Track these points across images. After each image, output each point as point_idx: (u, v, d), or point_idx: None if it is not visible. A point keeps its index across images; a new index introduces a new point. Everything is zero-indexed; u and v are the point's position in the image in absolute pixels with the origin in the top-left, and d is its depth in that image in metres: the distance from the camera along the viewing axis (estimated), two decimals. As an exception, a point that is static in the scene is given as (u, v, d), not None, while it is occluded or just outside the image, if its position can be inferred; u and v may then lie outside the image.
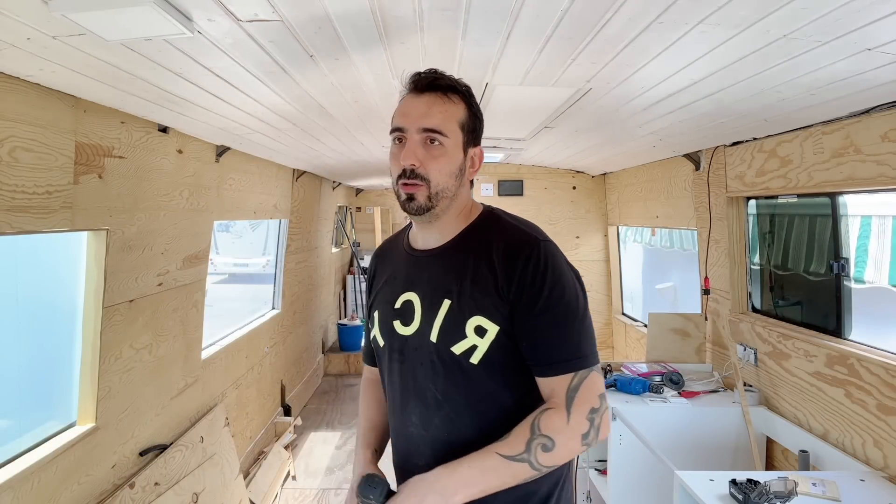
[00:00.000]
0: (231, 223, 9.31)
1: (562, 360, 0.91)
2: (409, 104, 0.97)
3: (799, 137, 2.07)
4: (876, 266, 3.28)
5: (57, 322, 1.91)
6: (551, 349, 0.91)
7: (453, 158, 0.96)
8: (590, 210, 4.66)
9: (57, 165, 1.54)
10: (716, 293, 2.82)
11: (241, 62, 1.38)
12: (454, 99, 0.97)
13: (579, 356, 0.91)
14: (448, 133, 0.95)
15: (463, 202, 1.02)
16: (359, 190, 6.80)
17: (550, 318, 0.91)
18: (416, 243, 1.07)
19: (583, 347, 0.92)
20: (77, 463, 1.70)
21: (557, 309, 0.91)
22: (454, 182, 0.97)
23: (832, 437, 1.97)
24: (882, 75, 1.36)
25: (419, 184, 0.94)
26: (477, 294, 0.94)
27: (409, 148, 0.94)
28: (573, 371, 0.91)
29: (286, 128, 2.29)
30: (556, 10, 1.10)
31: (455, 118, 0.96)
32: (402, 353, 1.01)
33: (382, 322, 1.05)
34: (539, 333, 0.91)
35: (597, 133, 2.66)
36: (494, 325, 0.92)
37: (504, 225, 1.01)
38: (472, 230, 1.02)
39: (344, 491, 3.20)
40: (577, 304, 0.94)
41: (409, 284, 1.03)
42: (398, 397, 1.03)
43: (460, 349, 0.93)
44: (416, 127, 0.94)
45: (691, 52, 1.30)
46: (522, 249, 0.94)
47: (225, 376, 2.96)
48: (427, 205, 0.95)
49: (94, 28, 1.04)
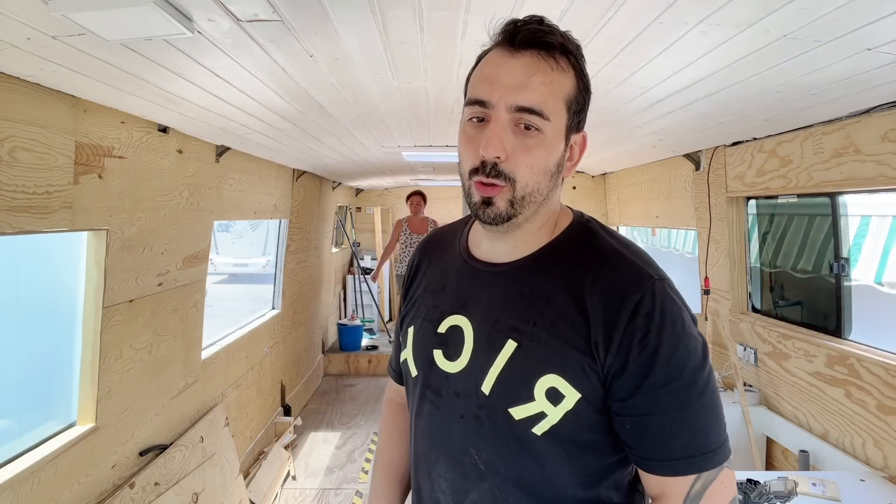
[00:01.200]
0: (231, 223, 9.32)
1: (682, 455, 0.66)
2: (500, 66, 0.69)
3: (799, 137, 2.07)
4: (865, 264, 3.29)
5: (57, 322, 1.91)
6: (667, 439, 0.66)
7: (552, 151, 0.70)
8: (590, 210, 4.64)
9: (57, 165, 1.54)
10: (716, 293, 2.82)
11: (241, 62, 1.38)
12: (563, 64, 0.69)
13: (707, 452, 0.66)
14: (551, 115, 0.68)
15: (552, 208, 0.76)
16: (359, 190, 6.80)
17: (669, 396, 0.65)
18: (477, 249, 0.81)
19: (711, 437, 0.67)
20: (77, 463, 1.70)
21: (679, 382, 0.65)
22: (548, 182, 0.71)
23: (832, 437, 1.97)
24: (882, 75, 1.36)
25: (502, 185, 0.68)
26: (556, 343, 0.68)
27: (493, 132, 0.67)
28: (697, 472, 0.66)
29: (286, 128, 2.29)
30: (556, 9, 1.10)
31: (562, 93, 0.69)
32: (440, 395, 0.77)
33: (419, 347, 0.81)
34: (651, 416, 0.66)
35: (596, 133, 2.66)
36: (575, 391, 0.67)
37: (604, 247, 0.73)
38: (559, 247, 0.75)
39: (344, 491, 3.20)
40: (703, 373, 0.67)
41: (461, 305, 0.78)
42: (425, 450, 0.79)
43: (522, 414, 0.68)
44: (508, 103, 0.67)
45: (691, 52, 1.30)
46: (631, 291, 0.67)
47: (225, 376, 2.96)
48: (508, 212, 0.70)
49: (94, 28, 1.04)
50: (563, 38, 0.69)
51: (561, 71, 0.69)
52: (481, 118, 0.69)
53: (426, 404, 0.79)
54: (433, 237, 0.95)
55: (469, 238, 0.84)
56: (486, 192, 0.69)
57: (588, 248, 0.74)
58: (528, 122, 0.67)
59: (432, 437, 0.78)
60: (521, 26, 0.68)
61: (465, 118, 0.72)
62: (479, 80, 0.70)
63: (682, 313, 0.68)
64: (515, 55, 0.68)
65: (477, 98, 0.69)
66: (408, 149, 3.08)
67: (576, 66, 0.72)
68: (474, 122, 0.70)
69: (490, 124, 0.68)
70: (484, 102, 0.68)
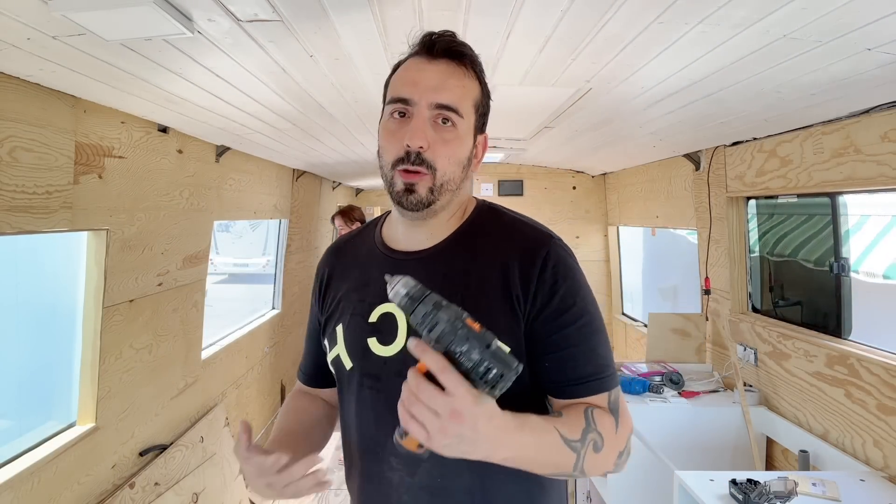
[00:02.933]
0: (231, 223, 9.31)
1: (596, 377, 0.78)
2: (420, 71, 0.79)
3: (799, 137, 2.07)
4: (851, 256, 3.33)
5: (57, 322, 1.91)
6: (582, 365, 0.78)
7: (465, 145, 0.81)
8: (590, 210, 4.66)
9: (57, 165, 1.54)
10: (716, 293, 2.82)
11: (241, 62, 1.38)
12: (471, 73, 0.82)
13: (611, 373, 0.79)
14: (464, 113, 0.79)
15: (464, 198, 0.88)
16: (359, 190, 6.80)
17: (576, 330, 0.78)
18: (395, 243, 0.89)
19: (609, 362, 0.80)
20: (77, 463, 1.70)
21: (584, 318, 0.79)
22: (461, 173, 0.82)
23: (832, 437, 1.97)
24: (882, 75, 1.36)
25: (423, 172, 0.77)
26: (484, 306, 0.77)
27: (416, 125, 0.77)
28: (608, 389, 0.78)
29: (286, 128, 2.29)
30: (556, 9, 1.10)
31: (471, 95, 0.81)
32: (379, 380, 0.82)
33: (351, 339, 0.86)
34: (565, 350, 0.78)
35: (597, 133, 2.66)
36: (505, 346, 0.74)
37: (510, 221, 0.87)
38: (471, 228, 0.86)
39: (344, 491, 3.20)
40: (597, 310, 0.82)
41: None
42: (372, 433, 0.83)
43: None
44: (429, 101, 0.77)
45: (691, 52, 1.30)
46: (538, 251, 0.80)
47: (225, 376, 2.96)
48: (428, 199, 0.79)
49: (94, 28, 1.04)
50: (471, 52, 0.82)
51: (470, 78, 0.81)
52: (403, 114, 0.79)
53: (365, 391, 0.83)
54: (341, 245, 1.02)
55: (384, 234, 0.92)
56: (410, 178, 0.77)
57: (496, 223, 0.86)
58: (445, 117, 0.78)
59: (378, 419, 0.82)
60: (437, 38, 0.79)
61: (387, 115, 0.81)
62: (402, 82, 0.80)
63: (576, 264, 0.82)
64: (433, 62, 0.79)
65: (400, 97, 0.79)
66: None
67: (480, 76, 0.84)
68: (396, 117, 0.80)
69: (413, 119, 0.77)
70: (407, 100, 0.78)
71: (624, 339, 4.37)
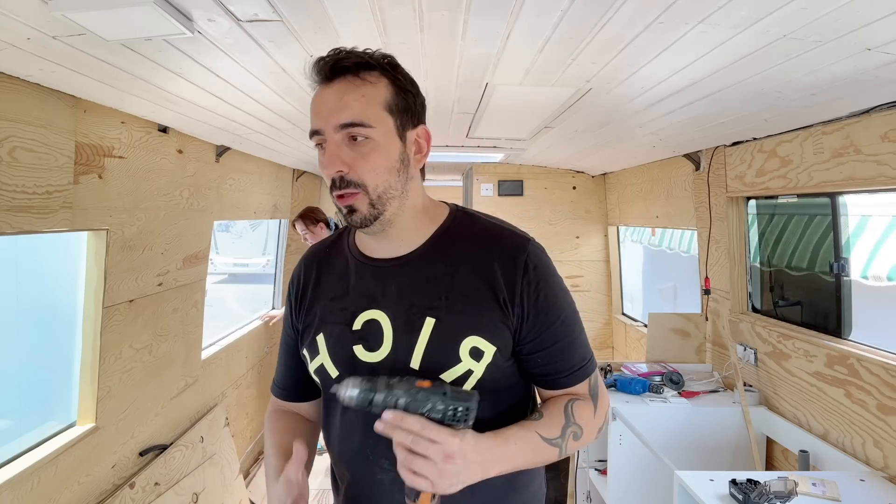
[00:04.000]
0: (231, 223, 9.31)
1: (579, 366, 0.87)
2: (320, 99, 0.80)
3: (799, 137, 2.07)
4: (857, 261, 3.31)
5: (57, 322, 1.91)
6: (568, 357, 0.86)
7: (388, 151, 0.80)
8: (590, 210, 4.66)
9: (57, 165, 1.54)
10: (716, 293, 2.82)
11: (241, 62, 1.38)
12: (370, 78, 0.80)
13: (590, 357, 0.89)
14: (372, 122, 0.78)
15: (417, 199, 0.88)
16: (359, 190, 6.80)
17: (561, 324, 0.85)
18: (370, 251, 0.90)
19: (588, 349, 0.89)
20: (77, 463, 1.70)
21: (564, 311, 0.86)
22: (397, 178, 0.82)
23: (832, 437, 1.97)
24: (882, 75, 1.36)
25: (355, 192, 0.79)
26: (470, 309, 0.81)
27: (330, 151, 0.78)
28: (589, 375, 0.89)
29: (286, 128, 2.29)
30: (556, 10, 1.10)
31: (377, 100, 0.79)
32: None
33: (335, 348, 0.87)
34: (556, 345, 0.85)
35: (597, 133, 2.66)
36: (491, 345, 0.81)
37: (486, 225, 0.90)
38: (447, 233, 0.88)
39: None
40: (571, 298, 0.90)
41: (370, 301, 0.86)
42: (360, 438, 0.85)
43: (452, 376, 0.80)
44: (333, 124, 0.78)
45: (691, 52, 1.30)
46: (519, 255, 0.84)
47: (225, 376, 2.96)
48: (372, 213, 0.80)
49: (94, 28, 1.04)
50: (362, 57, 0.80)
51: (370, 84, 0.79)
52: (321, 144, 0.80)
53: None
54: (315, 253, 1.02)
55: (357, 243, 0.93)
56: (346, 202, 0.80)
57: (473, 228, 0.89)
58: (353, 134, 0.78)
59: (366, 424, 0.81)
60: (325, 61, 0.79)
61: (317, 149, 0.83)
62: (312, 115, 0.81)
63: (549, 260, 0.88)
64: (329, 85, 0.80)
65: (312, 129, 0.80)
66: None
67: (387, 74, 0.82)
68: (320, 149, 0.81)
69: (327, 146, 0.79)
70: (318, 131, 0.79)
71: (624, 339, 4.37)
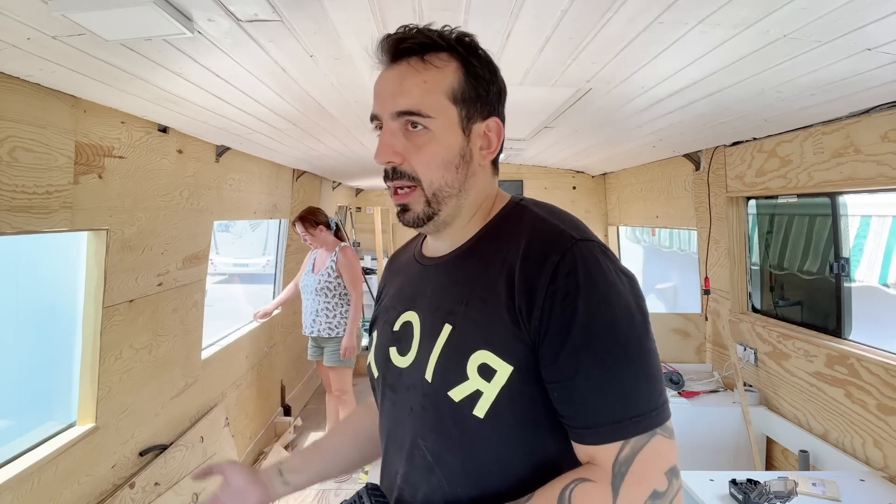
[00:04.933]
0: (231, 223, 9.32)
1: (607, 421, 0.61)
2: (381, 82, 0.74)
3: (799, 137, 2.07)
4: (868, 265, 3.29)
5: (57, 322, 1.91)
6: (591, 404, 0.62)
7: (446, 144, 0.71)
8: (590, 210, 4.66)
9: (57, 165, 1.54)
10: (716, 293, 2.82)
11: (241, 62, 1.38)
12: (437, 62, 0.71)
13: (635, 416, 0.61)
14: (431, 112, 0.70)
15: (479, 197, 0.76)
16: (359, 190, 6.80)
17: (591, 357, 0.62)
18: (427, 249, 0.84)
19: (640, 400, 0.62)
20: (77, 463, 1.70)
21: (602, 343, 0.62)
22: (455, 175, 0.72)
23: (832, 437, 1.97)
24: (882, 75, 1.36)
25: (410, 185, 0.72)
26: (484, 319, 0.68)
27: (383, 140, 0.71)
28: (624, 438, 0.61)
29: (286, 128, 2.29)
30: (556, 10, 1.10)
31: (440, 88, 0.71)
32: (395, 391, 0.77)
33: (379, 347, 0.83)
34: (573, 380, 0.62)
35: (597, 133, 2.66)
36: (506, 364, 0.65)
37: (535, 218, 0.73)
38: (490, 230, 0.76)
39: (344, 491, 3.20)
40: (631, 332, 0.63)
41: (412, 301, 0.79)
42: (387, 446, 0.80)
43: (459, 395, 0.67)
44: (390, 111, 0.71)
45: (691, 52, 1.30)
46: (550, 252, 0.65)
47: (225, 376, 2.96)
48: (426, 212, 0.72)
49: (94, 28, 1.04)
50: (429, 37, 0.71)
51: (434, 69, 0.71)
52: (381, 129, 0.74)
53: (386, 402, 0.80)
54: (397, 252, 0.98)
55: (424, 241, 0.87)
56: (400, 199, 0.73)
57: (518, 221, 0.74)
58: (412, 122, 0.71)
59: (390, 433, 0.79)
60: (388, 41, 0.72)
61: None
62: (374, 97, 0.74)
63: (608, 273, 0.65)
64: (391, 67, 0.73)
65: (372, 114, 0.74)
66: (408, 149, 3.08)
67: (460, 57, 0.73)
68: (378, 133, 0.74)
69: (381, 134, 0.72)
70: (376, 116, 0.73)
71: (624, 339, 4.37)
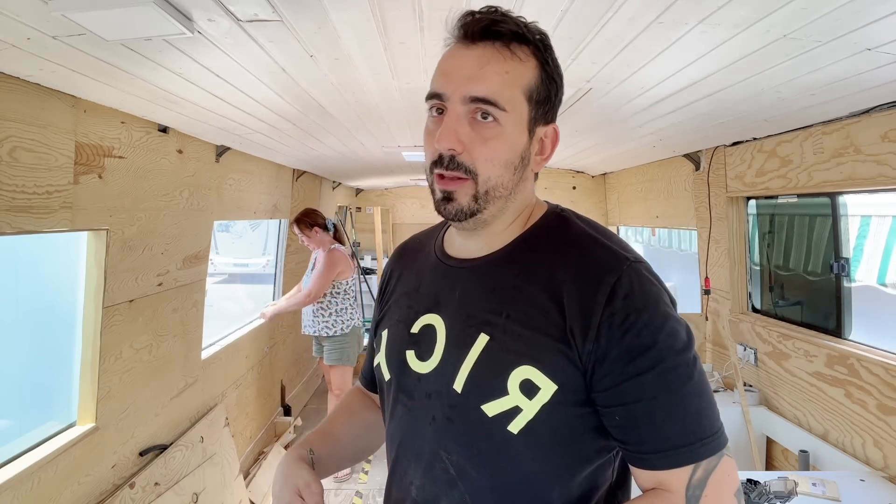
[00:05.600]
0: (231, 223, 9.31)
1: (679, 444, 0.61)
2: (454, 59, 0.68)
3: (799, 137, 2.07)
4: (867, 265, 3.30)
5: (57, 322, 1.91)
6: (660, 427, 0.62)
7: (513, 142, 0.68)
8: (590, 210, 4.66)
9: (57, 165, 1.54)
10: (716, 293, 2.82)
11: (241, 62, 1.38)
12: (521, 54, 0.67)
13: (705, 438, 0.62)
14: (507, 105, 0.66)
15: (522, 203, 0.74)
16: (359, 190, 6.80)
17: (657, 380, 0.61)
18: (452, 248, 0.79)
19: (706, 422, 0.63)
20: (77, 463, 1.70)
21: (666, 365, 0.62)
22: (512, 176, 0.69)
23: (832, 437, 1.97)
24: (882, 75, 1.36)
25: (462, 177, 0.67)
26: (529, 334, 0.65)
27: (447, 124, 0.66)
28: (696, 461, 0.61)
29: (286, 128, 2.29)
30: (556, 9, 1.09)
31: (519, 83, 0.67)
32: (412, 398, 0.73)
33: (392, 348, 0.78)
34: (640, 403, 0.62)
35: (597, 133, 2.66)
36: (552, 382, 0.63)
37: (576, 232, 0.71)
38: (531, 238, 0.73)
39: (344, 491, 3.20)
40: (689, 356, 0.64)
41: (434, 304, 0.75)
42: (399, 453, 0.76)
43: (495, 410, 0.65)
44: (462, 94, 0.66)
45: (691, 52, 1.30)
46: (606, 276, 0.64)
47: (225, 376, 2.96)
48: (472, 208, 0.68)
49: (94, 28, 1.04)
50: (519, 27, 0.67)
51: (518, 61, 0.67)
52: (441, 110, 0.69)
53: (399, 408, 0.76)
54: (408, 244, 0.92)
55: (445, 238, 0.82)
56: (447, 186, 0.68)
57: (560, 236, 0.72)
58: (484, 111, 0.66)
59: (403, 442, 0.74)
60: (475, 18, 0.67)
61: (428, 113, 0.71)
62: (437, 74, 0.69)
63: (661, 295, 0.65)
64: (470, 47, 0.67)
65: (434, 91, 0.68)
66: (408, 149, 3.08)
67: (539, 55, 0.69)
68: (434, 115, 0.70)
69: (447, 116, 0.67)
70: (440, 95, 0.68)
71: (624, 339, 4.37)
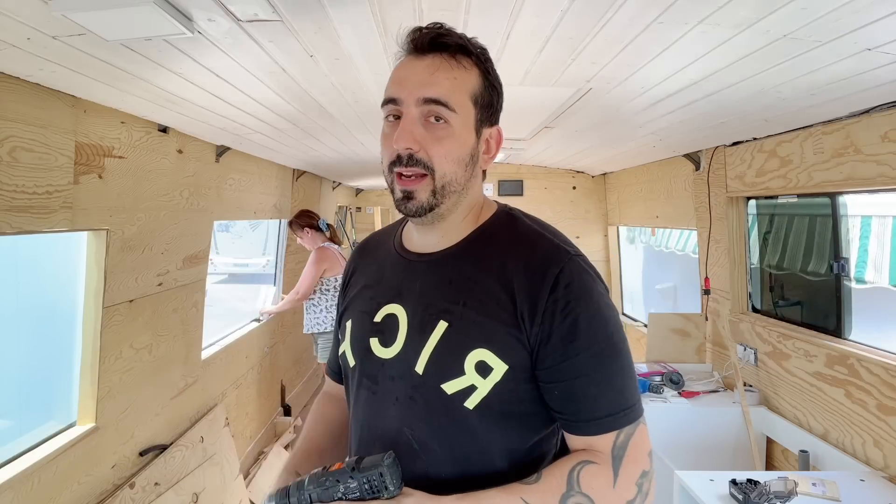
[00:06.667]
0: (231, 223, 9.31)
1: (607, 413, 0.72)
2: (406, 68, 0.76)
3: (799, 137, 2.07)
4: (875, 266, 3.28)
5: (57, 322, 1.91)
6: (591, 400, 0.72)
7: (463, 141, 0.76)
8: (590, 210, 4.66)
9: (57, 165, 1.54)
10: (716, 293, 2.82)
11: (241, 62, 1.38)
12: (465, 63, 0.76)
13: (627, 408, 0.73)
14: (456, 107, 0.74)
15: (473, 199, 0.82)
16: (359, 190, 6.80)
17: (591, 359, 0.72)
18: (410, 243, 0.87)
19: (629, 395, 0.73)
20: (77, 463, 1.70)
21: (598, 347, 0.72)
22: (464, 172, 0.77)
23: (832, 437, 1.97)
24: (882, 75, 1.36)
25: (422, 173, 0.74)
26: (484, 320, 0.74)
27: (404, 126, 0.73)
28: (618, 428, 0.72)
29: (286, 128, 2.29)
30: (556, 9, 1.10)
31: (466, 88, 0.76)
32: (375, 382, 0.80)
33: (356, 337, 0.85)
34: (576, 379, 0.72)
35: (597, 133, 2.66)
36: (503, 363, 0.72)
37: (524, 230, 0.81)
38: (484, 234, 0.81)
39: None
40: (618, 338, 0.74)
41: (396, 294, 0.82)
42: (362, 435, 0.82)
43: (453, 388, 0.73)
44: (415, 97, 0.73)
45: (691, 52, 1.30)
46: (550, 266, 0.73)
47: (225, 376, 2.96)
48: (430, 203, 0.75)
49: (94, 28, 1.04)
50: (463, 40, 0.76)
51: (463, 69, 0.76)
52: (397, 115, 0.76)
53: (363, 392, 0.82)
54: (368, 242, 1.00)
55: (403, 234, 0.89)
56: (407, 185, 0.75)
57: (511, 232, 0.81)
58: (436, 113, 0.73)
59: (369, 422, 0.81)
60: (424, 33, 0.76)
61: (384, 119, 0.78)
62: (392, 82, 0.77)
63: (596, 285, 0.75)
64: (421, 58, 0.76)
65: (390, 97, 0.76)
66: (408, 149, 3.08)
67: (480, 65, 0.78)
68: (391, 120, 0.77)
69: (403, 118, 0.74)
70: (396, 100, 0.75)
71: (624, 339, 4.37)
